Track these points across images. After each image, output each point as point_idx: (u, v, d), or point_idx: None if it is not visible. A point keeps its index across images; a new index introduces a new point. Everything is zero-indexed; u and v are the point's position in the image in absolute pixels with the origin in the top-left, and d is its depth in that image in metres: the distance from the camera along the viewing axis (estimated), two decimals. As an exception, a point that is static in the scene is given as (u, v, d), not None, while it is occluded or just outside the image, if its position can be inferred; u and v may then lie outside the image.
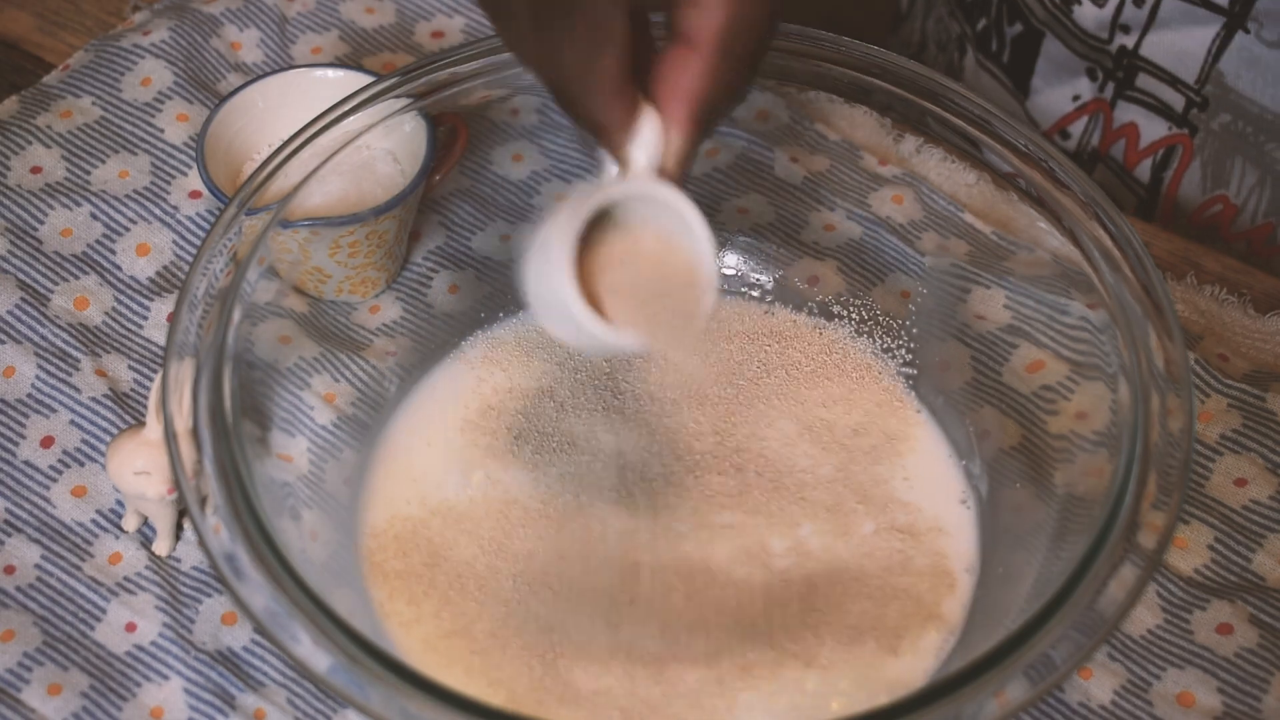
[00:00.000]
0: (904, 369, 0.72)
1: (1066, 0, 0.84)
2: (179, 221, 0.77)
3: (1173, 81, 0.82)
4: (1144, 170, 0.86)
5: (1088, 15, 0.83)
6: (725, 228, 0.76)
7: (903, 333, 0.73)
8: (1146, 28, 0.82)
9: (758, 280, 0.75)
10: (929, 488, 0.69)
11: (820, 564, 0.66)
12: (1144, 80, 0.83)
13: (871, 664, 0.63)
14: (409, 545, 0.66)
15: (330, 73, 0.76)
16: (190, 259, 0.76)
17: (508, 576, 0.65)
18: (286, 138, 0.67)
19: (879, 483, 0.68)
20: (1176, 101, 0.83)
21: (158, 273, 0.75)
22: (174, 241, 0.76)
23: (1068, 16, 0.84)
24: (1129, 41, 0.83)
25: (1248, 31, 0.79)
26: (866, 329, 0.73)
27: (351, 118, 0.68)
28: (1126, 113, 0.85)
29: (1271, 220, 0.85)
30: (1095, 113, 0.86)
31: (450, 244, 0.75)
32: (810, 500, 0.68)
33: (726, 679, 0.63)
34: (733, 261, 0.75)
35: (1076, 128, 0.88)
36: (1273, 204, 0.84)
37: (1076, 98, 0.87)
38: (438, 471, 0.69)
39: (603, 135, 0.57)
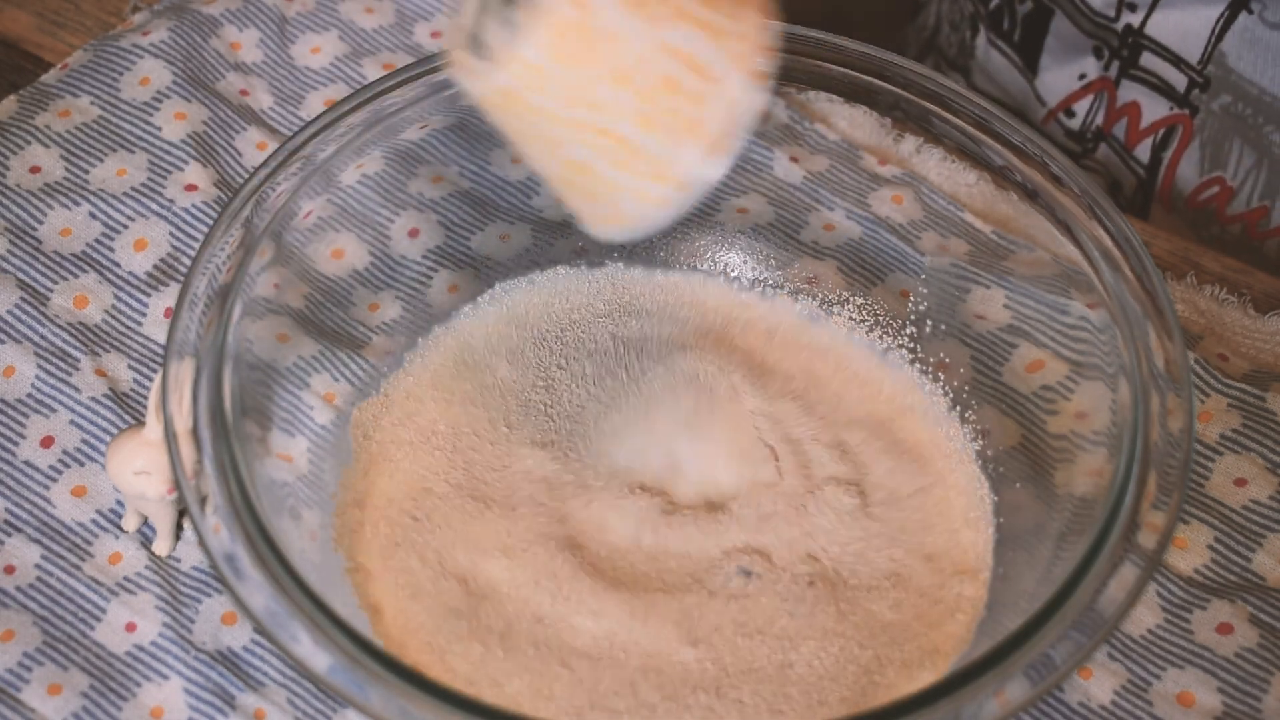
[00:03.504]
0: (904, 368, 0.72)
1: None
2: (174, 214, 0.77)
3: (1175, 61, 0.82)
4: (1144, 150, 0.86)
5: None
6: (725, 228, 0.76)
7: (903, 333, 0.73)
8: (1153, 6, 0.82)
9: (757, 280, 0.75)
10: (932, 489, 0.69)
11: (823, 566, 0.66)
12: (1148, 59, 0.83)
13: (873, 669, 0.63)
14: (400, 541, 0.66)
15: None
16: (187, 250, 0.76)
17: (500, 571, 0.65)
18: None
19: (880, 484, 0.68)
20: (1179, 81, 0.83)
21: (155, 265, 0.75)
22: (170, 234, 0.76)
23: None
24: (1135, 20, 0.83)
25: (1251, 12, 0.79)
26: (866, 328, 0.73)
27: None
28: (1130, 92, 0.85)
29: (1267, 203, 0.85)
30: (1100, 92, 0.86)
31: (450, 244, 0.75)
32: (812, 503, 0.68)
33: (724, 675, 0.63)
34: (733, 261, 0.75)
35: (1081, 106, 0.88)
36: (1269, 186, 0.84)
37: (1083, 76, 0.87)
38: (433, 469, 0.69)
39: None
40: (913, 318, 0.73)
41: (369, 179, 0.72)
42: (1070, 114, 0.89)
